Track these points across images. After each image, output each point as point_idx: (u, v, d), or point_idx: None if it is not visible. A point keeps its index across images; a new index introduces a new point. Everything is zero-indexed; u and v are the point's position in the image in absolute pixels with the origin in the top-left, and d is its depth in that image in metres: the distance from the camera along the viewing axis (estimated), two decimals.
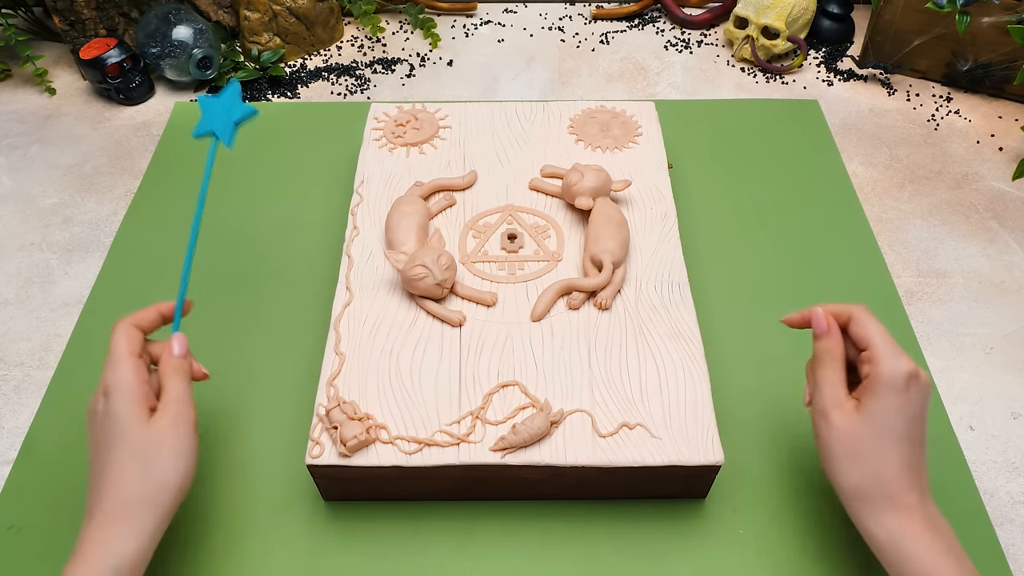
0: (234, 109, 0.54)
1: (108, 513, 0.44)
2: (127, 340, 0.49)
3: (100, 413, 0.47)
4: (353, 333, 0.57)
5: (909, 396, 0.46)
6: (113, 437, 0.45)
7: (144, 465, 0.45)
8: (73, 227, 0.76)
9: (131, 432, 0.45)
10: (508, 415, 0.52)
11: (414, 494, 0.55)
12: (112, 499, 0.44)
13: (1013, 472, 0.58)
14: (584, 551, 0.53)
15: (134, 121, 0.88)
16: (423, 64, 0.96)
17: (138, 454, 0.45)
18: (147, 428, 0.46)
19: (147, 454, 0.45)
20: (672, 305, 0.59)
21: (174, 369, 0.49)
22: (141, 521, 0.44)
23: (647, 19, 1.04)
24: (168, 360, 0.49)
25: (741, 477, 0.57)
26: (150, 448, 0.45)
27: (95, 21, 0.89)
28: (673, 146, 0.80)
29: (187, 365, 0.50)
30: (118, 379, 0.47)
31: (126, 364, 0.47)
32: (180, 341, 0.50)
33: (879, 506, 0.45)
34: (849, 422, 0.47)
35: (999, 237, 0.75)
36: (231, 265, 0.71)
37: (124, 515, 0.44)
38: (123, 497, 0.44)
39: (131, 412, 0.46)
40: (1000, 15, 0.82)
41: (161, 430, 0.46)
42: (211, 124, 0.55)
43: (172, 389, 0.48)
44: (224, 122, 0.54)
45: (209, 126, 0.55)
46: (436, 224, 0.65)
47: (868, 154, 0.84)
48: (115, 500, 0.44)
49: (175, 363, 0.49)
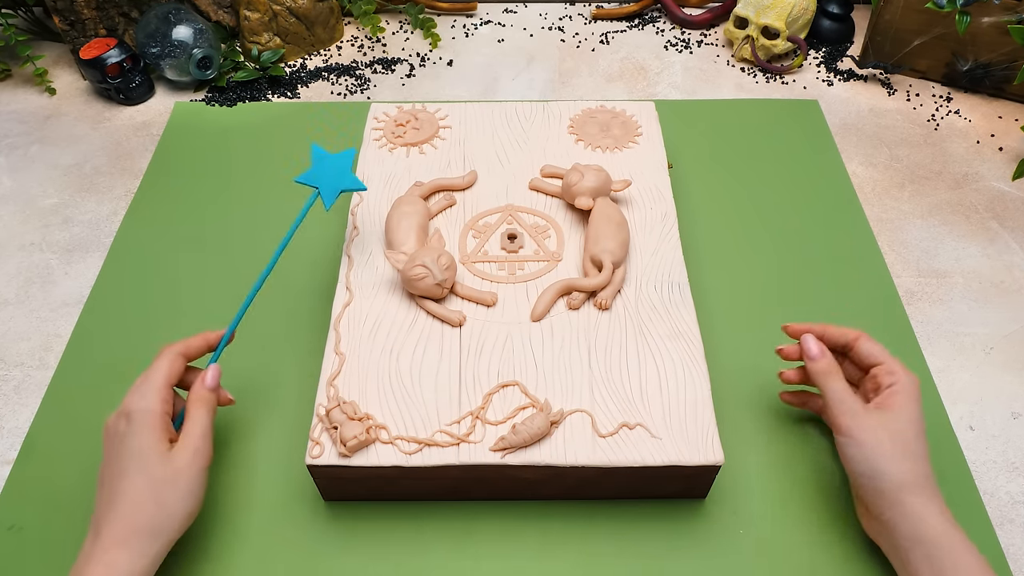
0: (346, 177, 0.57)
1: (116, 537, 0.45)
2: (169, 370, 0.50)
3: (120, 435, 0.48)
4: (353, 333, 0.57)
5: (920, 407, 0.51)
6: (131, 466, 0.46)
7: (157, 497, 0.46)
8: (73, 227, 0.76)
9: (149, 465, 0.46)
10: (508, 415, 0.52)
11: (414, 494, 0.55)
12: (122, 525, 0.45)
13: (1013, 472, 0.58)
14: (584, 551, 0.53)
15: (134, 121, 0.88)
16: (423, 64, 0.96)
17: (153, 487, 0.46)
18: (165, 462, 0.47)
19: (162, 487, 0.46)
20: (672, 305, 0.59)
21: (203, 402, 0.50)
22: (147, 548, 0.45)
23: (647, 19, 1.04)
24: (199, 391, 0.51)
25: (741, 477, 0.57)
26: (166, 482, 0.46)
27: (95, 21, 0.89)
28: (673, 146, 0.80)
29: (215, 399, 0.51)
30: (144, 408, 0.48)
31: (157, 395, 0.48)
32: (214, 373, 0.52)
33: (921, 501, 0.47)
34: (887, 419, 0.50)
35: (999, 237, 0.75)
36: (231, 265, 0.71)
37: (132, 541, 0.45)
38: (133, 524, 0.45)
39: (151, 443, 0.47)
40: (1000, 15, 0.82)
41: (179, 467, 0.47)
42: (319, 180, 0.57)
43: (197, 423, 0.49)
44: (332, 184, 0.57)
45: (316, 181, 0.56)
46: (436, 224, 0.65)
47: (868, 154, 0.84)
48: (125, 527, 0.45)
49: (205, 396, 0.51)
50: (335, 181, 0.57)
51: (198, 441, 0.48)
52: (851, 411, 0.50)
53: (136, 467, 0.46)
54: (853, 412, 0.50)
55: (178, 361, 0.51)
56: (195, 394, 0.51)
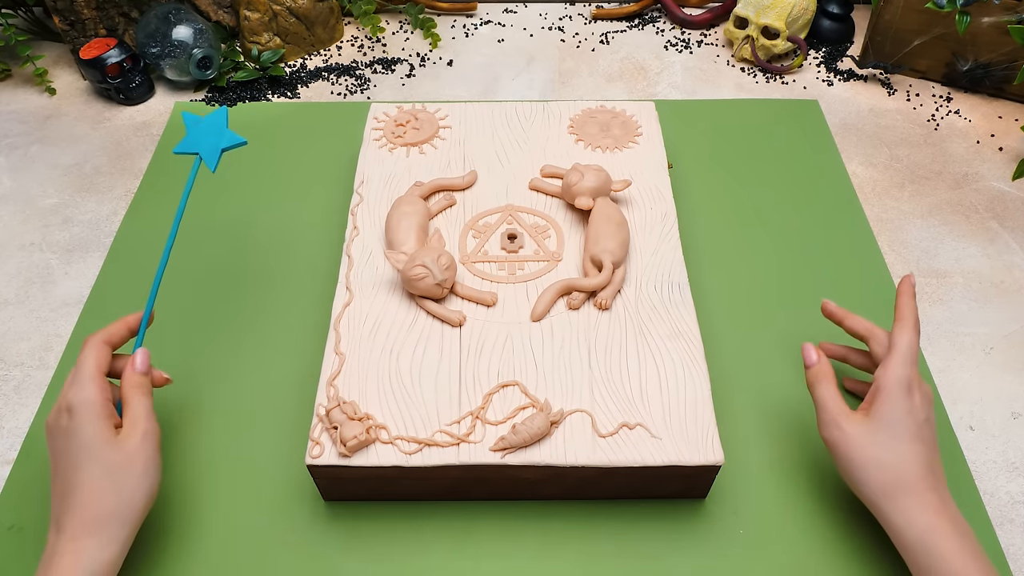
0: (223, 136, 0.54)
1: (80, 527, 0.45)
2: (96, 358, 0.50)
3: (63, 430, 0.47)
4: (353, 333, 0.57)
5: (914, 401, 0.50)
6: (81, 457, 0.46)
7: (115, 483, 0.46)
8: (73, 227, 0.76)
9: (100, 452, 0.46)
10: (508, 415, 0.52)
11: (414, 494, 0.55)
12: (83, 515, 0.45)
13: (1013, 472, 0.58)
14: (584, 551, 0.53)
15: (134, 121, 0.88)
16: (423, 64, 0.96)
17: (109, 473, 0.46)
18: (116, 448, 0.47)
19: (118, 473, 0.46)
20: (672, 305, 0.59)
21: (137, 386, 0.50)
22: (113, 533, 0.45)
23: (647, 19, 1.04)
24: (131, 377, 0.51)
25: (741, 477, 0.57)
26: (121, 468, 0.46)
27: (95, 21, 0.89)
28: (673, 146, 0.80)
29: (149, 381, 0.51)
30: (84, 398, 0.47)
31: (93, 383, 0.48)
32: (143, 357, 0.52)
33: (906, 505, 0.47)
34: (863, 428, 0.49)
35: (999, 237, 0.75)
36: (231, 265, 0.71)
37: (97, 529, 0.45)
38: (95, 513, 0.45)
39: (99, 432, 0.47)
40: (1000, 15, 0.82)
41: (130, 450, 0.47)
42: (196, 144, 0.55)
43: (137, 406, 0.49)
44: (211, 146, 0.55)
45: (194, 146, 0.55)
46: (436, 224, 0.65)
47: (868, 154, 0.84)
48: (87, 516, 0.45)
49: (138, 380, 0.51)
50: (214, 142, 0.54)
51: (144, 423, 0.48)
52: (832, 421, 0.50)
53: (87, 457, 0.46)
54: (835, 422, 0.50)
55: (104, 349, 0.50)
56: (128, 381, 0.50)
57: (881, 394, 0.50)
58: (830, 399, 0.51)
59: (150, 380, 0.51)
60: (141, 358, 0.51)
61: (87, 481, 0.46)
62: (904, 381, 0.50)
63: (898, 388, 0.50)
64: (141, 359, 0.51)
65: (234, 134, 0.55)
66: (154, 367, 0.53)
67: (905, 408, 0.49)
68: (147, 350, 0.52)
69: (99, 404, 0.48)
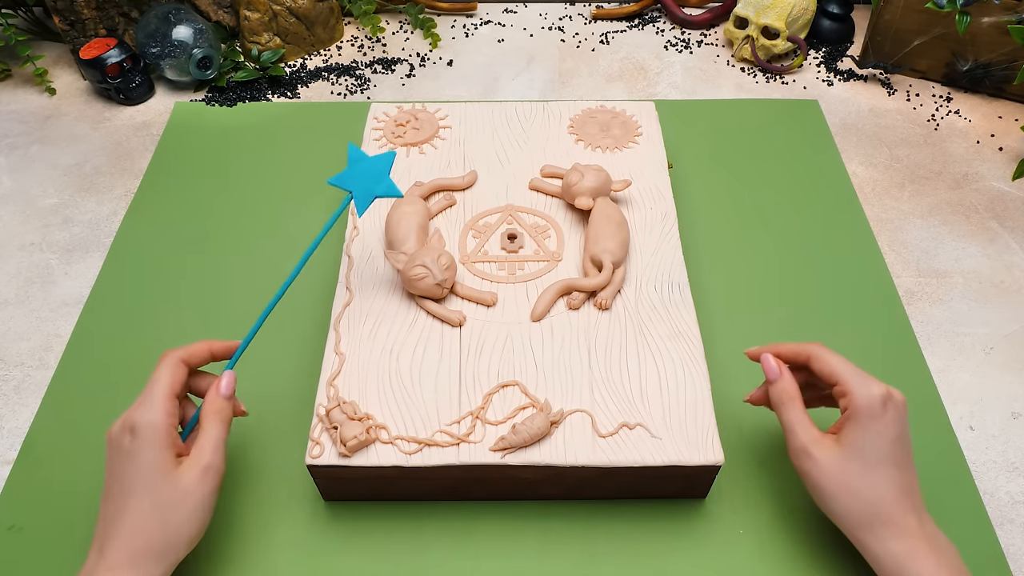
0: (381, 182, 0.52)
1: (121, 559, 0.43)
2: (171, 378, 0.47)
3: (125, 450, 0.45)
4: (353, 333, 0.57)
5: (887, 419, 0.47)
6: (136, 485, 0.44)
7: (163, 520, 0.44)
8: (73, 227, 0.76)
9: (155, 484, 0.44)
10: (508, 415, 0.52)
11: (414, 494, 0.55)
12: (127, 546, 0.44)
13: (1013, 472, 0.58)
14: (584, 551, 0.53)
15: (134, 121, 0.88)
16: (423, 64, 0.96)
17: (159, 509, 0.44)
18: (172, 482, 0.45)
19: (168, 510, 0.44)
20: (672, 305, 0.59)
21: (218, 413, 0.48)
22: (152, 569, 0.44)
23: (647, 19, 1.04)
24: (214, 401, 0.48)
25: (741, 477, 0.57)
26: (172, 505, 0.44)
27: (95, 21, 0.89)
28: (673, 146, 0.80)
29: (231, 409, 0.49)
30: (149, 422, 0.45)
31: (161, 407, 0.46)
32: (229, 381, 0.49)
33: (881, 533, 0.46)
34: (835, 457, 0.47)
35: (999, 237, 0.75)
36: (231, 265, 0.71)
37: (138, 563, 0.43)
38: (139, 547, 0.44)
39: (157, 461, 0.45)
40: (1000, 15, 0.82)
41: (187, 486, 0.45)
42: (353, 183, 0.52)
43: (210, 437, 0.47)
44: (366, 188, 0.52)
45: (350, 184, 0.52)
46: (436, 224, 0.65)
47: (868, 154, 0.84)
48: (130, 548, 0.44)
49: (220, 405, 0.48)
50: (370, 185, 0.52)
51: (209, 456, 0.46)
52: (803, 449, 0.48)
53: (142, 487, 0.44)
54: (805, 450, 0.47)
55: (180, 368, 0.48)
56: (209, 405, 0.48)
57: (852, 420, 0.47)
58: (798, 423, 0.48)
59: (231, 408, 0.49)
60: (227, 381, 0.49)
61: (136, 512, 0.44)
62: (874, 400, 0.47)
63: (868, 411, 0.46)
64: (227, 383, 0.49)
65: (393, 183, 0.52)
66: None
67: (876, 431, 0.46)
68: (234, 374, 0.50)
69: (163, 431, 0.45)
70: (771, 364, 0.51)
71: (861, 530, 0.46)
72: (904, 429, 0.47)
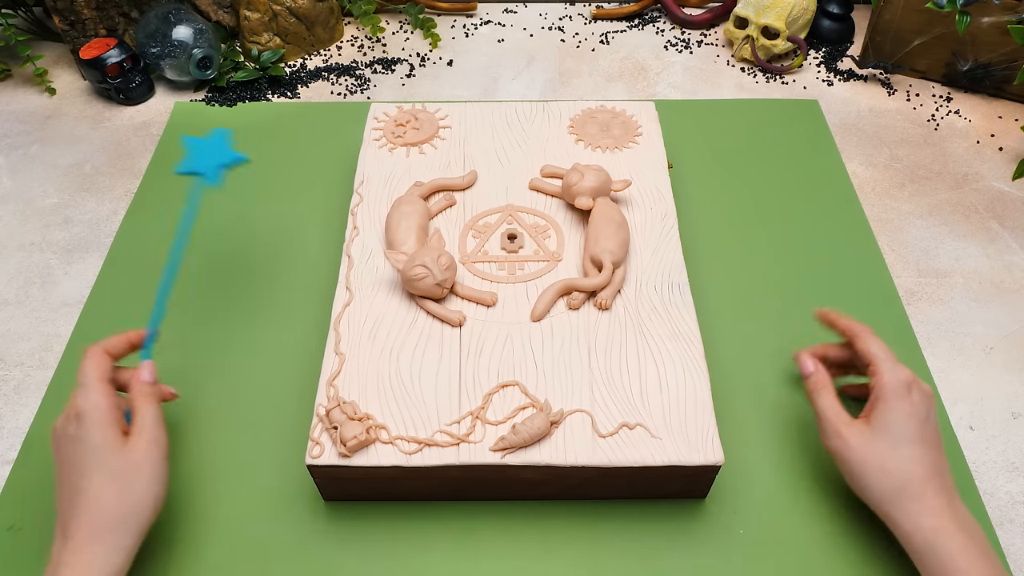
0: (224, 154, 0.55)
1: (86, 535, 0.45)
2: (98, 366, 0.50)
3: (71, 437, 0.47)
4: (353, 333, 0.57)
5: (913, 401, 0.50)
6: (89, 463, 0.46)
7: (122, 490, 0.46)
8: (73, 227, 0.76)
9: (108, 458, 0.46)
10: (508, 415, 0.52)
11: (414, 494, 0.55)
12: (90, 522, 0.45)
13: (1013, 472, 0.58)
14: (584, 551, 0.53)
15: (134, 121, 0.88)
16: (423, 64, 0.96)
17: (117, 479, 0.46)
18: (124, 455, 0.47)
19: (125, 479, 0.46)
20: (672, 305, 0.59)
21: (145, 394, 0.51)
22: (120, 540, 0.45)
23: (647, 19, 1.04)
24: (139, 386, 0.51)
25: (741, 477, 0.57)
26: (128, 474, 0.46)
27: (95, 21, 0.89)
28: (673, 146, 0.80)
29: (157, 391, 0.52)
30: (91, 404, 0.48)
31: (98, 389, 0.49)
32: (149, 368, 0.52)
33: (912, 510, 0.47)
34: (864, 437, 0.50)
35: (999, 237, 0.75)
36: (231, 265, 0.71)
37: (103, 536, 0.45)
38: (102, 520, 0.45)
39: (107, 438, 0.47)
40: (1000, 15, 0.82)
41: (138, 456, 0.47)
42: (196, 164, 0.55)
43: (145, 414, 0.49)
44: (211, 164, 0.55)
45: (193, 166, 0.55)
46: (436, 224, 0.65)
47: (868, 154, 0.84)
48: (93, 523, 0.45)
49: (146, 389, 0.51)
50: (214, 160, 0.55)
51: (152, 431, 0.49)
52: (834, 431, 0.51)
53: (96, 463, 0.46)
54: (836, 432, 0.51)
55: (104, 358, 0.51)
56: (136, 389, 0.51)
57: (879, 400, 0.50)
58: (830, 409, 0.52)
59: (158, 390, 0.52)
60: (148, 370, 0.52)
61: (95, 488, 0.46)
62: (900, 383, 0.50)
63: (895, 392, 0.50)
64: (148, 371, 0.52)
65: (235, 152, 0.55)
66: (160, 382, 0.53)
67: (905, 411, 0.49)
68: (153, 363, 0.53)
69: (107, 410, 0.48)
70: (806, 363, 0.55)
71: (891, 505, 0.48)
72: (931, 414, 0.50)
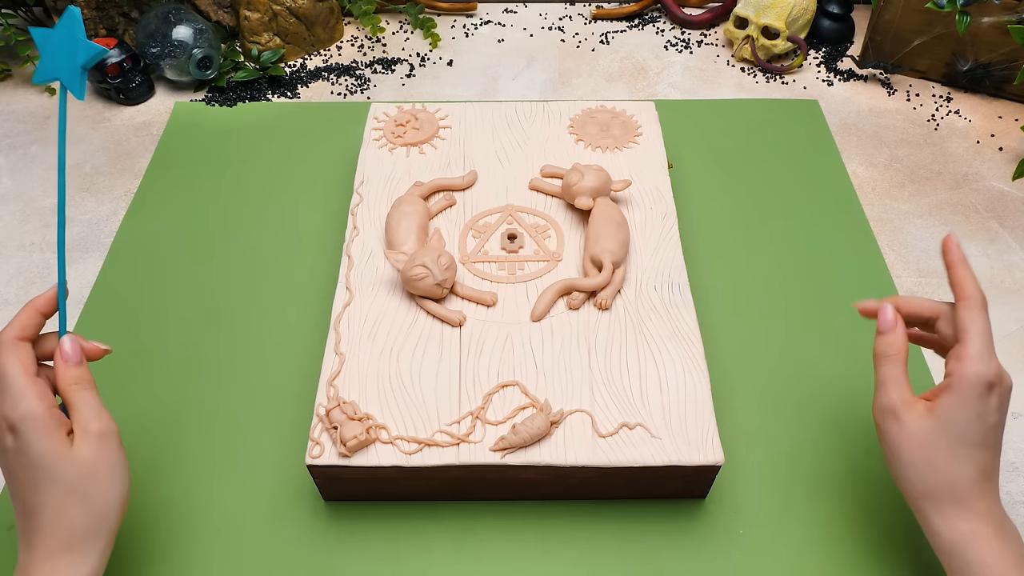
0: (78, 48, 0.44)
1: (53, 547, 0.41)
2: (19, 360, 0.43)
3: (12, 451, 0.42)
4: (353, 333, 0.57)
5: (989, 403, 0.44)
6: (38, 477, 0.42)
7: (81, 498, 0.42)
8: (73, 227, 0.76)
9: (58, 469, 0.42)
10: (508, 415, 0.52)
11: (414, 494, 0.55)
12: (55, 535, 0.41)
13: (1013, 472, 0.58)
14: (584, 551, 0.53)
15: (134, 121, 0.88)
16: (423, 64, 0.96)
17: (73, 491, 0.42)
18: (73, 460, 0.42)
19: (82, 489, 0.42)
20: (672, 305, 0.59)
21: (75, 382, 0.44)
22: (88, 547, 0.42)
23: (647, 19, 1.04)
24: (65, 373, 0.44)
25: (741, 477, 0.57)
26: (84, 482, 0.42)
27: (95, 21, 0.89)
28: (673, 146, 0.80)
29: (87, 373, 0.45)
30: (23, 412, 0.42)
31: (30, 393, 0.42)
32: (72, 345, 0.45)
33: (949, 511, 0.44)
34: (923, 426, 0.44)
35: (999, 237, 0.75)
36: (231, 265, 0.71)
37: (70, 546, 0.41)
38: (66, 531, 0.42)
39: (51, 448, 0.42)
40: (1000, 15, 0.82)
41: (89, 458, 0.42)
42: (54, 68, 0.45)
43: (83, 405, 0.43)
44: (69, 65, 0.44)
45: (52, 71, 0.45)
46: (436, 224, 0.65)
47: (868, 154, 0.84)
48: (58, 535, 0.41)
49: (73, 374, 0.44)
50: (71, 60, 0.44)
51: (96, 423, 0.43)
52: (890, 408, 0.45)
53: (44, 476, 0.41)
54: (893, 410, 0.45)
55: (21, 348, 0.44)
56: (63, 378, 0.44)
57: (953, 391, 0.44)
58: (893, 381, 0.45)
59: (88, 370, 0.45)
60: (71, 347, 0.44)
61: (51, 502, 0.41)
62: (983, 380, 0.43)
63: (973, 388, 0.43)
64: (71, 348, 0.44)
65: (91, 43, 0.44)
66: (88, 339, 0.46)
67: (976, 412, 0.43)
68: (75, 335, 0.45)
69: (44, 415, 0.42)
70: (888, 316, 0.47)
71: (929, 502, 0.44)
72: (1002, 417, 0.45)
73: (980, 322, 0.45)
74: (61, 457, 0.42)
